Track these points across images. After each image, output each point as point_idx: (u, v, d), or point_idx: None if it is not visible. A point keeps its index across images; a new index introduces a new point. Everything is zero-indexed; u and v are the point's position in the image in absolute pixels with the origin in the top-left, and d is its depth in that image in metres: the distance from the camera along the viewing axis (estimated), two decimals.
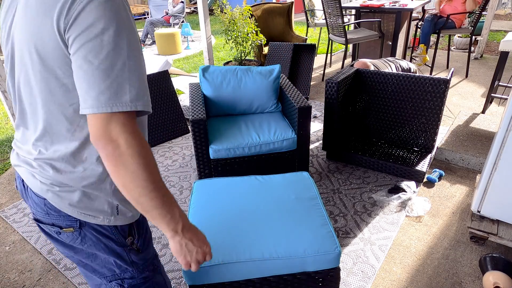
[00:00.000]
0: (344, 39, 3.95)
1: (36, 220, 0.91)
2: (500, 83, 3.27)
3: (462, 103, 3.72)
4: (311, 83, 4.53)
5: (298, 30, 7.25)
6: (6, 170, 2.91)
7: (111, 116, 0.71)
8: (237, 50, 4.17)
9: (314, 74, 4.87)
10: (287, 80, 2.72)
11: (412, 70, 2.91)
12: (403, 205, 2.27)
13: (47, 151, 0.83)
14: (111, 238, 0.90)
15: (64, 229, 0.87)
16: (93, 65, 0.69)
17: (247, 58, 4.56)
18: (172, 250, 0.87)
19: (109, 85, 0.70)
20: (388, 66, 2.85)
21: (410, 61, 4.81)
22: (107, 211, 0.88)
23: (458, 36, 5.69)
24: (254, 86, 2.49)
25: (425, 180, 2.50)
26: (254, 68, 2.52)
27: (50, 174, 0.84)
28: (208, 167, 2.28)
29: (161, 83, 3.03)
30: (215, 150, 2.20)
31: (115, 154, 0.72)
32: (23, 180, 0.90)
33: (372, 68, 2.80)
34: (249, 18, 4.01)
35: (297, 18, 9.15)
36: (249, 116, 2.54)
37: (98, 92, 0.70)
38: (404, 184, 2.36)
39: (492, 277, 1.64)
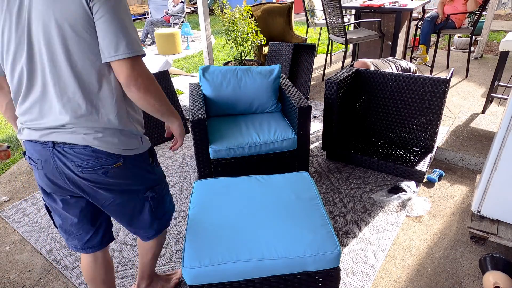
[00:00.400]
0: (344, 39, 3.95)
1: (85, 168, 1.12)
2: (500, 83, 3.27)
3: (462, 103, 3.72)
4: (311, 83, 4.53)
5: (298, 30, 7.25)
6: (6, 170, 2.91)
7: (135, 60, 1.03)
8: (237, 50, 4.17)
9: (314, 74, 4.87)
10: (287, 80, 2.72)
11: (412, 70, 2.91)
12: (403, 205, 2.27)
13: (81, 108, 1.06)
14: (141, 162, 1.24)
15: (114, 165, 1.15)
16: (118, 25, 0.99)
17: (247, 58, 4.56)
18: (176, 133, 1.33)
19: (131, 38, 1.01)
20: (388, 66, 2.85)
21: (410, 61, 4.81)
22: (136, 143, 1.19)
23: (458, 36, 5.69)
24: (254, 86, 2.48)
25: (425, 180, 2.50)
26: (254, 68, 2.52)
27: (91, 125, 1.08)
28: (208, 167, 2.28)
29: (161, 83, 3.02)
30: (215, 150, 2.20)
31: (143, 85, 1.06)
32: (54, 145, 1.09)
33: (372, 68, 2.80)
34: (249, 18, 4.01)
35: (297, 18, 9.14)
36: (249, 116, 2.54)
37: (127, 42, 1.00)
38: (404, 184, 2.36)
39: (492, 277, 1.64)
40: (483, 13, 4.17)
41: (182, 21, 7.76)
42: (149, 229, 1.39)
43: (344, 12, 4.06)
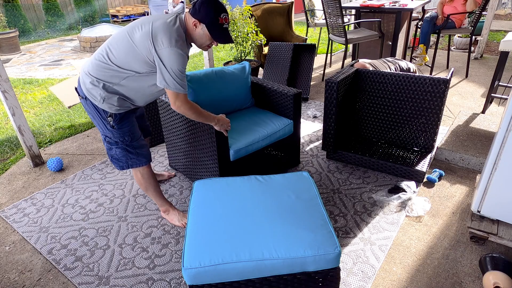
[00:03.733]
0: (344, 39, 3.95)
1: (75, 88, 1.84)
2: (500, 83, 3.27)
3: (462, 103, 3.72)
4: (311, 83, 4.53)
5: (298, 30, 7.24)
6: (6, 170, 2.91)
7: (175, 94, 1.71)
8: (237, 50, 4.17)
9: (314, 74, 4.87)
10: (254, 77, 2.79)
11: (411, 70, 2.91)
12: (403, 205, 2.27)
13: (99, 63, 1.72)
14: (99, 112, 1.78)
15: (80, 96, 1.80)
16: (169, 77, 1.67)
17: (247, 58, 4.56)
18: (217, 129, 1.99)
19: (179, 84, 1.70)
20: (387, 67, 2.85)
21: (410, 61, 4.81)
22: (99, 100, 1.73)
23: (458, 36, 5.69)
24: (233, 84, 2.51)
25: (425, 180, 2.50)
26: (228, 67, 2.54)
27: (87, 71, 1.73)
28: (230, 170, 2.24)
29: None
30: (236, 151, 2.17)
31: (179, 110, 1.77)
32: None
33: (370, 69, 2.79)
34: (249, 18, 4.01)
35: (297, 18, 9.14)
36: (235, 114, 2.54)
37: (170, 83, 1.67)
38: (404, 184, 2.35)
39: (492, 277, 1.64)
40: (483, 13, 4.17)
41: None
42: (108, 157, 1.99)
43: (344, 12, 4.06)
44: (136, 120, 1.99)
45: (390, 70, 2.84)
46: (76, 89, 1.81)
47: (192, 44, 1.81)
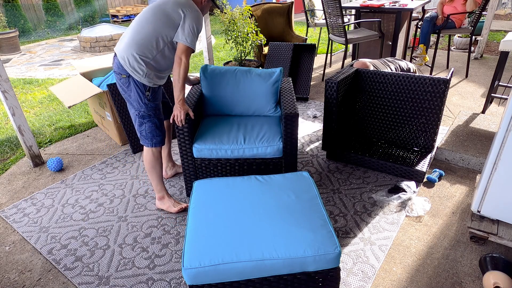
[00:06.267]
0: (344, 39, 3.95)
1: (114, 71, 2.04)
2: (500, 83, 3.27)
3: (462, 103, 3.72)
4: (311, 83, 4.53)
5: (298, 30, 7.24)
6: (6, 170, 2.91)
7: (186, 48, 1.96)
8: (237, 50, 4.17)
9: (314, 74, 4.87)
10: (290, 84, 2.61)
11: (411, 70, 2.91)
12: (403, 205, 2.27)
13: (134, 40, 1.96)
14: (139, 87, 2.00)
15: (122, 75, 1.99)
16: (188, 31, 1.95)
17: (247, 58, 4.56)
18: (174, 108, 2.07)
19: (193, 38, 1.98)
20: (387, 67, 2.85)
21: (410, 61, 4.81)
22: (141, 74, 1.98)
23: (458, 36, 5.69)
24: (252, 88, 2.45)
25: (425, 180, 2.50)
26: (254, 70, 2.47)
27: (122, 47, 1.98)
28: (193, 166, 2.24)
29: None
30: (198, 149, 2.17)
31: (179, 62, 1.96)
32: (115, 54, 2.03)
33: (371, 68, 2.79)
34: (249, 18, 4.01)
35: (297, 18, 9.14)
36: (245, 118, 2.47)
37: (187, 37, 1.95)
38: (404, 184, 2.35)
39: (492, 277, 1.64)
40: (483, 13, 4.17)
41: None
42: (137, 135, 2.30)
43: (344, 12, 4.06)
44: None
45: (390, 70, 2.84)
46: (115, 71, 2.05)
47: None
